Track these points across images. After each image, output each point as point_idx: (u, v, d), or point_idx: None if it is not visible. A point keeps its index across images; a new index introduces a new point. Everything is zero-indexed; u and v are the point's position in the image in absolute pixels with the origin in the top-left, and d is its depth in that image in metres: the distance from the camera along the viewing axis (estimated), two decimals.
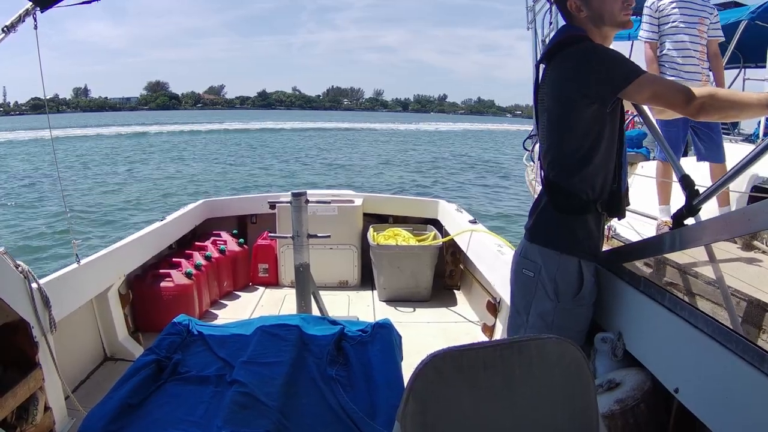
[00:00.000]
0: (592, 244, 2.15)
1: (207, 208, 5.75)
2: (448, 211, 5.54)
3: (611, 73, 1.94)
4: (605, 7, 2.03)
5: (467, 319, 4.77)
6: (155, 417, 2.19)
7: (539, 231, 2.19)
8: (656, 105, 2.07)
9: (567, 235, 2.12)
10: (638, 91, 1.93)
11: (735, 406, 1.49)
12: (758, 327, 2.71)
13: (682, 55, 4.51)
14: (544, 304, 2.16)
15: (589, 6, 2.05)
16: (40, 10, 2.64)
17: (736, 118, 2.07)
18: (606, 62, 1.96)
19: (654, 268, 3.23)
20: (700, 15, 4.46)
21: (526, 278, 2.21)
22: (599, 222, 2.15)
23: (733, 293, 2.50)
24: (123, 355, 3.82)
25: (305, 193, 3.85)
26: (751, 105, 1.85)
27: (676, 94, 1.90)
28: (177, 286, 4.32)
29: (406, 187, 21.22)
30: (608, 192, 2.10)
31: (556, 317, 2.14)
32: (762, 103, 1.81)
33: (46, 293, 2.71)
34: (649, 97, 1.95)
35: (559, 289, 2.12)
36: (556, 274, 2.12)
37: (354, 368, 2.61)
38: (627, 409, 1.90)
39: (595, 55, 1.99)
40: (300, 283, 3.85)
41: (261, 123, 79.22)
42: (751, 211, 1.58)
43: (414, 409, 1.16)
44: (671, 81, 1.95)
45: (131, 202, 17.14)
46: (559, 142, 2.11)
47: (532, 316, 2.20)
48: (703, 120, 1.98)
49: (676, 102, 1.89)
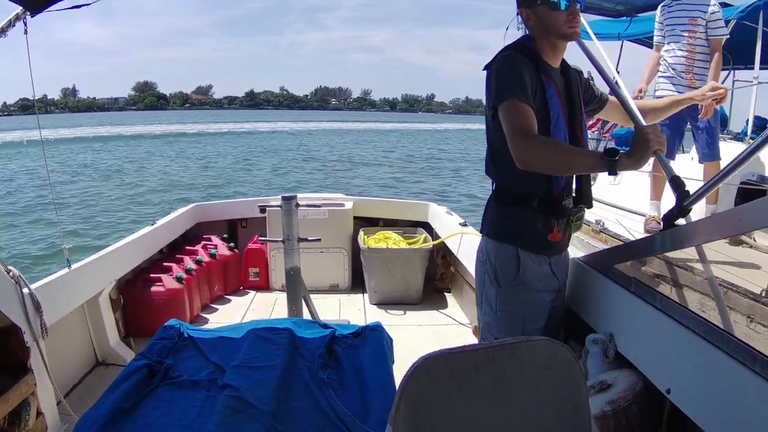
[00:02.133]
0: (531, 236, 2.16)
1: (197, 212, 5.72)
2: (439, 214, 5.53)
3: (494, 89, 2.01)
4: (548, 19, 2.06)
5: (458, 321, 4.76)
6: (147, 421, 2.18)
7: (485, 222, 2.29)
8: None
9: (504, 224, 2.21)
10: (500, 115, 1.97)
11: (727, 406, 1.49)
12: (749, 326, 2.72)
13: (672, 55, 4.61)
14: (489, 291, 2.25)
15: (536, 16, 2.08)
16: (30, 15, 2.62)
17: (566, 173, 2.10)
18: (497, 77, 2.03)
19: (645, 269, 3.24)
20: (691, 15, 4.48)
21: (479, 268, 2.32)
22: (545, 219, 2.15)
23: (724, 291, 2.52)
24: (114, 360, 3.79)
25: (295, 196, 3.85)
26: (581, 165, 1.92)
27: (510, 137, 1.92)
28: (168, 290, 4.29)
29: (397, 190, 21.20)
30: (544, 189, 2.12)
31: (498, 303, 2.23)
32: (594, 164, 1.83)
33: (37, 298, 2.69)
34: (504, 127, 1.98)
35: (498, 274, 2.20)
36: (496, 261, 2.21)
37: (345, 371, 2.61)
38: (619, 411, 1.91)
39: (496, 67, 2.06)
40: (291, 286, 3.86)
41: (252, 124, 78.80)
42: (742, 211, 1.58)
43: (406, 412, 1.16)
44: (518, 123, 1.91)
45: (121, 205, 17.07)
46: (489, 142, 2.22)
47: (484, 304, 2.29)
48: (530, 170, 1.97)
49: (509, 144, 1.92)
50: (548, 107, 2.06)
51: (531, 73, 2.02)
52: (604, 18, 8.14)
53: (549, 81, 2.09)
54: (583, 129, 2.24)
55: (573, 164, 1.92)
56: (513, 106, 1.94)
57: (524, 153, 1.87)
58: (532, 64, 2.05)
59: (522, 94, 1.94)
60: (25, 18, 2.63)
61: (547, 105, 2.06)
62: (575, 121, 2.20)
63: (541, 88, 2.05)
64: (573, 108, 2.21)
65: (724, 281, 2.92)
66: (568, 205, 2.21)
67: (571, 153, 1.97)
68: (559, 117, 2.10)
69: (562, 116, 2.13)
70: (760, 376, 1.39)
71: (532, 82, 2.01)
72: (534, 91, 2.01)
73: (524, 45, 2.13)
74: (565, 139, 2.12)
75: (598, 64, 2.54)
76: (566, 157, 1.90)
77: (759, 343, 2.23)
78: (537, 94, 2.02)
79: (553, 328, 2.29)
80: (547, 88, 2.07)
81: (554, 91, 2.11)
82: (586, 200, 2.25)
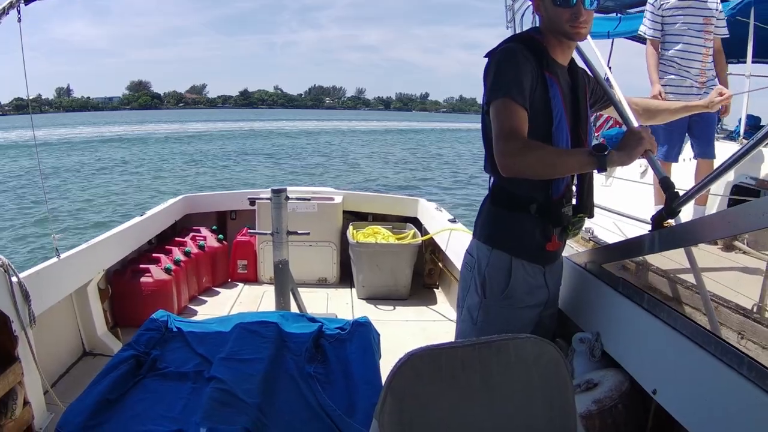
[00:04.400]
0: (527, 244, 2.07)
1: (187, 204, 5.71)
2: (428, 210, 5.54)
3: (490, 84, 1.92)
4: (550, 14, 1.97)
5: (446, 317, 4.77)
6: (134, 412, 2.18)
7: (478, 225, 2.17)
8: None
9: (497, 229, 2.10)
10: (491, 113, 1.90)
11: (713, 407, 1.50)
12: (737, 330, 2.73)
13: (686, 57, 4.40)
14: (473, 299, 2.14)
15: (543, 7, 2.00)
16: (24, 3, 2.62)
17: (553, 176, 2.00)
18: (495, 70, 1.92)
19: (633, 270, 3.25)
20: (705, 15, 4.34)
21: (465, 272, 2.21)
22: (542, 226, 2.06)
23: (712, 297, 2.52)
24: (102, 350, 3.78)
25: (285, 189, 3.85)
26: (568, 165, 1.87)
27: (495, 140, 1.86)
28: (156, 281, 4.29)
29: (389, 185, 21.18)
30: (543, 195, 2.03)
31: (481, 313, 2.12)
32: (582, 161, 1.81)
33: (26, 287, 2.68)
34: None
35: (486, 284, 2.09)
36: (486, 269, 2.09)
37: (332, 366, 2.61)
38: (605, 410, 1.91)
39: (496, 59, 1.95)
40: (279, 279, 3.86)
41: (248, 123, 78.26)
42: (732, 214, 1.59)
43: (392, 407, 1.16)
44: (507, 123, 1.84)
45: (111, 198, 16.99)
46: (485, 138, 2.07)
47: (464, 309, 2.20)
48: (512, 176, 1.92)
49: (494, 147, 1.86)
50: (550, 107, 1.96)
51: (533, 69, 1.92)
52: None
53: (553, 79, 1.98)
54: (588, 131, 2.16)
55: (560, 165, 1.86)
56: (504, 105, 1.86)
57: (506, 158, 1.82)
58: (536, 59, 1.94)
59: (516, 93, 1.85)
60: (19, 6, 2.62)
61: (549, 104, 1.96)
62: (579, 123, 2.09)
63: (543, 85, 1.95)
64: (577, 109, 2.09)
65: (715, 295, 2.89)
66: (568, 212, 2.09)
67: (557, 154, 1.90)
68: (561, 118, 1.99)
69: (566, 118, 2.02)
70: (746, 378, 1.39)
71: (533, 79, 1.91)
72: (534, 89, 1.91)
73: (532, 38, 2.03)
74: (567, 142, 2.02)
75: (589, 62, 2.50)
76: (552, 159, 1.85)
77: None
78: (538, 92, 1.93)
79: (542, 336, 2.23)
80: (550, 86, 1.96)
81: (558, 90, 2.00)
82: (587, 209, 2.15)
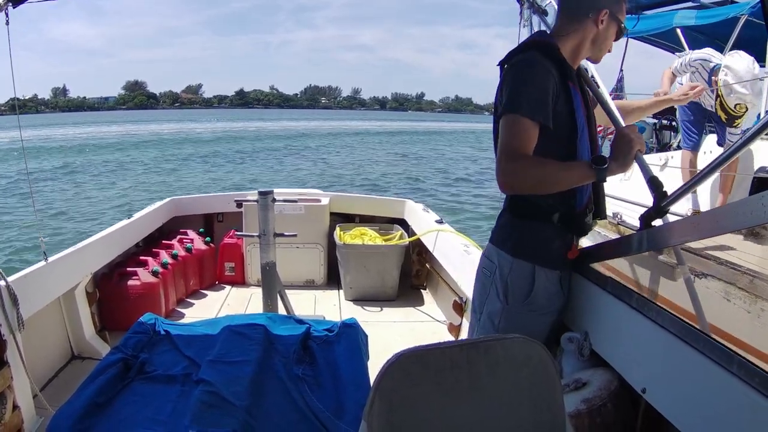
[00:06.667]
0: (549, 253, 2.07)
1: (174, 206, 5.69)
2: (415, 211, 5.56)
3: (507, 96, 1.89)
4: (604, 35, 1.98)
5: (434, 318, 4.78)
6: (123, 416, 2.18)
7: (498, 233, 2.16)
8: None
9: (520, 239, 2.08)
10: (501, 126, 1.90)
11: (702, 406, 1.50)
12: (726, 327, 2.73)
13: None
14: (494, 305, 2.13)
15: (605, 25, 1.97)
16: (12, 6, 2.62)
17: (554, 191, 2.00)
18: (513, 82, 1.90)
19: (621, 269, 3.25)
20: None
21: (484, 277, 2.19)
22: (563, 234, 2.07)
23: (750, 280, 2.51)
24: (90, 354, 3.77)
25: (272, 191, 3.84)
26: (569, 180, 1.88)
27: (498, 157, 1.88)
28: (143, 284, 4.27)
29: (378, 185, 21.17)
30: (566, 206, 2.03)
31: (503, 319, 2.11)
32: (582, 175, 1.84)
33: (14, 291, 2.65)
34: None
35: (509, 290, 2.08)
36: (508, 276, 2.08)
37: (320, 367, 2.61)
38: (594, 409, 1.91)
39: (515, 71, 1.93)
40: (266, 281, 3.86)
41: (244, 123, 77.86)
42: (720, 213, 1.59)
43: (380, 408, 1.16)
44: (511, 142, 1.84)
45: (96, 201, 16.89)
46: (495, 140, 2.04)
47: (483, 315, 2.19)
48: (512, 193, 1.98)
49: (496, 164, 1.87)
50: (575, 118, 1.95)
51: (555, 81, 1.89)
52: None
53: (576, 89, 1.99)
54: (596, 136, 2.18)
55: (561, 181, 1.87)
56: (512, 122, 1.85)
57: (504, 177, 1.83)
58: (558, 70, 1.91)
59: (530, 111, 1.83)
60: (7, 8, 2.62)
61: (573, 116, 1.95)
62: (592, 128, 2.11)
63: (567, 96, 1.93)
64: (589, 116, 2.10)
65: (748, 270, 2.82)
66: (590, 221, 2.11)
67: (557, 170, 1.87)
68: (584, 129, 2.00)
69: (587, 128, 2.03)
70: (736, 376, 1.39)
71: (554, 92, 1.88)
72: (555, 101, 1.89)
73: (551, 45, 1.98)
74: (588, 151, 2.04)
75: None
76: (553, 177, 1.85)
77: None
78: (560, 104, 1.91)
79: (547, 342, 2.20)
80: (573, 97, 1.95)
81: (580, 101, 2.01)
82: (602, 213, 2.16)
